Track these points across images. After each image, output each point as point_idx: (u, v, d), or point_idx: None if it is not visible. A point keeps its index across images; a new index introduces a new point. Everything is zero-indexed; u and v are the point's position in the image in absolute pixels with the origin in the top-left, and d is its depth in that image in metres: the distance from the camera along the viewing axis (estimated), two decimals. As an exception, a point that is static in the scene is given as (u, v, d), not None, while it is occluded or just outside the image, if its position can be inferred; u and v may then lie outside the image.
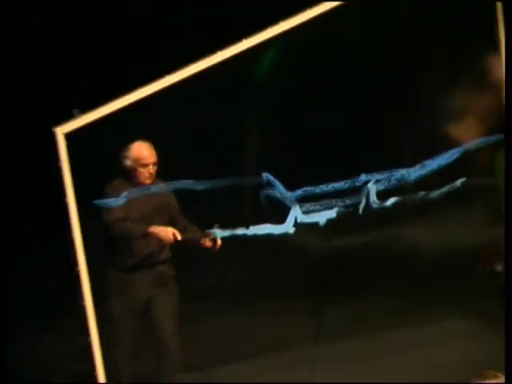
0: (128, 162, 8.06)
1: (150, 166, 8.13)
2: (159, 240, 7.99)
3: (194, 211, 8.50)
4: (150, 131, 8.36)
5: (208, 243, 7.98)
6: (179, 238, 8.01)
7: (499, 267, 10.61)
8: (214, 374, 9.04)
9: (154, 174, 8.18)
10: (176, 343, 8.39)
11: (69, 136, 6.89)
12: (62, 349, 9.53)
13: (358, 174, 7.70)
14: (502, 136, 7.76)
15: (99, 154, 8.54)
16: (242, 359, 9.26)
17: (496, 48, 8.11)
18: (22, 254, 9.96)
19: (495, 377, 7.86)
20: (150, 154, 8.14)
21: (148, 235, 7.91)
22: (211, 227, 7.83)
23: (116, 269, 8.00)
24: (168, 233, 7.99)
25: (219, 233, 7.73)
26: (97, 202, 7.63)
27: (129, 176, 8.11)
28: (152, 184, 8.21)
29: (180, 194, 8.14)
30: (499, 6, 7.97)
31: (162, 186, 8.33)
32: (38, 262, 10.17)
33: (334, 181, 7.68)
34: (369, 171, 7.76)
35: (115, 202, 7.70)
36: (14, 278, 9.38)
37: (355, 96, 9.54)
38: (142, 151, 8.13)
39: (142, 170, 8.10)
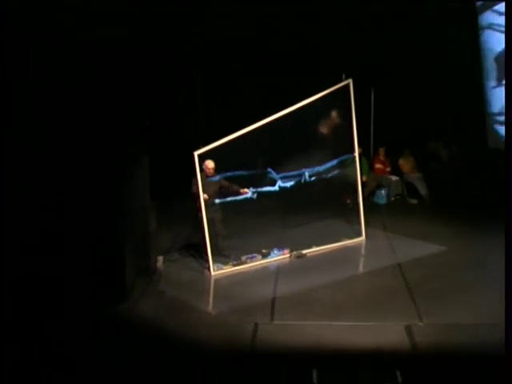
0: (204, 167, 11.28)
1: (212, 169, 11.41)
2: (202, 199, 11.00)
3: (243, 182, 11.67)
4: (234, 154, 11.01)
5: (243, 191, 11.58)
6: (207, 198, 11.20)
7: (348, 201, 14.26)
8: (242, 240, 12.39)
9: (214, 171, 11.43)
10: (222, 229, 11.79)
11: (200, 156, 11.04)
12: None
13: (302, 169, 12.23)
14: (351, 155, 12.53)
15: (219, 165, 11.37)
16: (253, 235, 12.77)
17: (351, 118, 12.24)
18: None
19: (346, 240, 12.46)
20: (212, 164, 11.39)
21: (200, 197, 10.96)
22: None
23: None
24: (205, 196, 11.18)
25: (253, 190, 11.66)
26: (212, 178, 11.41)
27: (204, 172, 11.26)
28: (213, 176, 11.51)
29: (237, 176, 11.60)
30: (350, 82, 12.09)
31: (218, 176, 11.48)
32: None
33: (294, 171, 12.18)
34: (305, 168, 12.23)
35: (215, 178, 11.48)
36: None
37: (297, 138, 11.44)
38: (209, 163, 11.39)
39: (208, 170, 11.42)
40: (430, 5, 15.35)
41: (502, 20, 16.04)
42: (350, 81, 12.15)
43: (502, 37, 15.39)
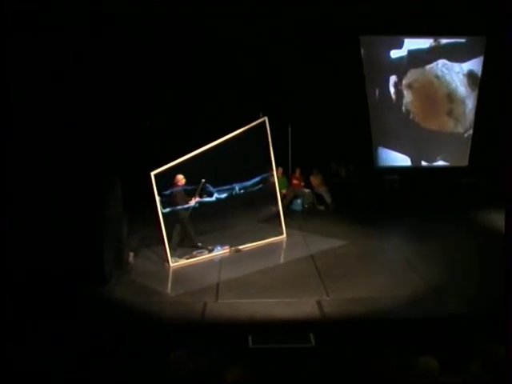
0: (175, 180, 11.03)
1: (183, 181, 11.10)
2: (185, 201, 10.96)
3: (187, 195, 11.18)
4: (192, 171, 10.84)
5: (193, 200, 11.08)
6: (194, 200, 11.08)
7: (272, 208, 12.94)
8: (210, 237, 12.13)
9: (184, 183, 11.11)
10: (191, 229, 11.46)
11: (156, 175, 10.60)
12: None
13: (233, 184, 11.73)
14: (269, 174, 12.05)
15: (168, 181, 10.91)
16: (220, 231, 12.54)
17: (268, 146, 11.90)
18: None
19: (271, 237, 11.90)
20: (182, 177, 11.09)
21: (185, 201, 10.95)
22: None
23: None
24: (192, 200, 11.12)
25: (208, 199, 11.37)
26: (169, 191, 10.91)
27: (176, 184, 11.09)
28: (183, 186, 11.18)
29: (183, 190, 11.16)
30: (266, 119, 11.69)
31: (187, 186, 11.16)
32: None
33: (226, 186, 11.71)
34: (236, 183, 11.76)
35: (174, 190, 10.99)
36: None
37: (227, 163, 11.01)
38: (179, 177, 11.05)
39: (179, 182, 11.11)
40: (330, 65, 15.62)
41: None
42: (266, 118, 11.88)
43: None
